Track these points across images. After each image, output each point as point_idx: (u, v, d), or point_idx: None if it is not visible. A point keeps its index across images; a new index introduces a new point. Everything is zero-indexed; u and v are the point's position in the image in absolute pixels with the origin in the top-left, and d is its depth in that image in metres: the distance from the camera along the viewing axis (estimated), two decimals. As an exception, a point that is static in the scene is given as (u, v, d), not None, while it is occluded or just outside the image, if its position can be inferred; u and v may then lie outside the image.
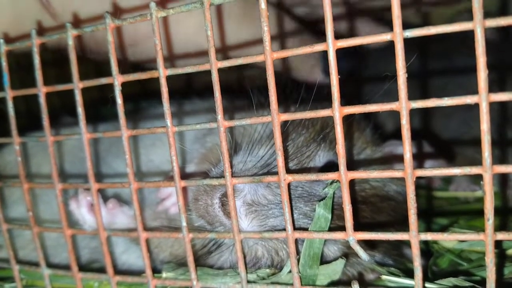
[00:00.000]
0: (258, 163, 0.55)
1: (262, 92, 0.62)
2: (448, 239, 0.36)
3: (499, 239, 0.34)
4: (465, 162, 0.34)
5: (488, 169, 0.33)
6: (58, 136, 0.49)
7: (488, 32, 0.35)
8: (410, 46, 0.40)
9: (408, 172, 0.35)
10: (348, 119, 0.63)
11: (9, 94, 0.49)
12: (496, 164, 0.33)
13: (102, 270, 0.49)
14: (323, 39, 0.35)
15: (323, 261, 0.51)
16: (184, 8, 0.39)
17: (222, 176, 0.41)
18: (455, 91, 0.35)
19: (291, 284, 0.41)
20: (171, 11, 0.40)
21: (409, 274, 0.56)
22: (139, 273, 0.54)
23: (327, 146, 0.60)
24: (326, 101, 0.40)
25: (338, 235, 0.39)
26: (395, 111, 0.34)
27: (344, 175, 0.37)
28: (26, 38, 0.47)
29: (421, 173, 0.35)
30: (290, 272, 0.49)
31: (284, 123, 0.60)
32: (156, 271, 0.54)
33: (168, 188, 0.64)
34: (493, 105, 0.34)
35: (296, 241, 0.41)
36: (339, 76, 0.35)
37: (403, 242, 0.63)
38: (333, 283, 0.50)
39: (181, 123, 0.54)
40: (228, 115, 0.68)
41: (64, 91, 0.46)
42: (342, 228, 0.38)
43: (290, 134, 0.60)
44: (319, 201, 0.50)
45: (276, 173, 0.39)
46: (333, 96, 0.35)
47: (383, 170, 0.36)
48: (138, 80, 0.44)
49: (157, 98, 0.45)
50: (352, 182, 0.58)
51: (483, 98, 0.32)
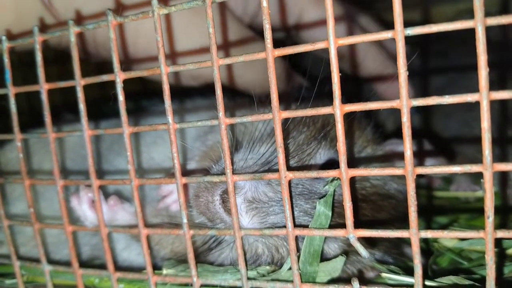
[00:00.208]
0: (259, 161, 0.55)
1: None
2: (448, 237, 0.36)
3: (499, 237, 0.34)
4: (466, 162, 0.34)
5: (489, 167, 0.33)
6: (60, 133, 0.49)
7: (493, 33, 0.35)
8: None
9: (409, 170, 0.35)
10: (349, 117, 0.63)
11: (11, 91, 0.49)
12: (497, 162, 0.33)
13: (103, 267, 0.49)
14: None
15: (323, 259, 0.51)
16: (186, 5, 0.39)
17: (223, 173, 0.41)
18: (455, 92, 0.35)
19: (291, 281, 0.41)
20: (173, 9, 0.40)
21: (409, 272, 0.56)
22: (140, 270, 0.54)
23: (328, 144, 0.60)
24: (327, 99, 0.40)
25: (339, 233, 0.39)
26: (396, 110, 0.34)
27: (345, 173, 0.37)
28: (28, 35, 0.47)
29: (422, 171, 0.35)
30: (290, 269, 0.49)
31: (285, 121, 0.60)
32: (157, 268, 0.54)
33: (169, 186, 0.64)
34: (494, 105, 0.34)
35: (297, 238, 0.41)
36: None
37: (403, 241, 0.63)
38: (333, 281, 0.51)
39: (183, 121, 0.54)
40: (229, 113, 0.68)
41: (66, 88, 0.46)
42: (343, 226, 0.38)
43: (291, 132, 0.60)
44: (320, 199, 0.51)
45: (277, 171, 0.39)
46: (334, 94, 0.35)
47: (384, 168, 0.36)
48: (140, 79, 0.44)
49: (158, 97, 0.45)
50: (353, 180, 0.58)
51: (484, 96, 0.32)
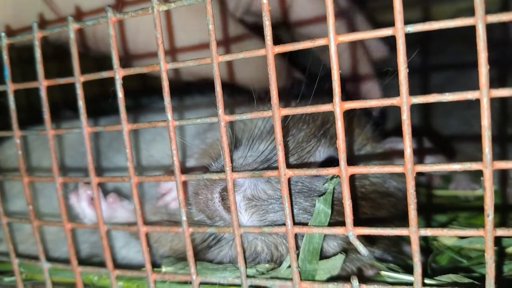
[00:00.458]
0: (259, 158, 0.55)
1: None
2: (448, 235, 0.36)
3: (499, 235, 0.34)
4: (465, 160, 0.34)
5: (489, 165, 0.33)
6: (59, 130, 0.49)
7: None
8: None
9: (409, 167, 0.34)
10: (349, 115, 0.63)
11: (10, 88, 0.48)
12: (496, 160, 0.33)
13: (102, 265, 0.49)
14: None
15: (323, 257, 0.51)
16: (186, 2, 0.39)
17: (223, 171, 0.41)
18: (454, 90, 0.34)
19: (291, 279, 0.41)
20: (173, 5, 0.39)
21: (409, 271, 0.56)
22: (139, 268, 0.54)
23: (328, 142, 0.60)
24: (327, 96, 0.40)
25: (338, 230, 0.39)
26: (396, 108, 0.34)
27: (344, 170, 0.37)
28: (28, 31, 0.47)
29: (422, 169, 0.35)
30: (290, 267, 0.49)
31: (285, 119, 0.60)
32: (156, 266, 0.54)
33: (168, 183, 0.64)
34: (493, 103, 0.34)
35: (296, 236, 0.41)
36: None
37: (403, 239, 0.63)
38: (332, 278, 0.50)
39: (182, 118, 0.54)
40: (229, 110, 0.68)
41: (65, 85, 0.46)
42: (342, 224, 0.38)
43: (291, 130, 0.60)
44: (319, 196, 0.50)
45: (276, 168, 0.39)
46: (334, 91, 0.35)
47: (384, 166, 0.36)
48: (139, 76, 0.44)
49: (158, 94, 0.45)
50: (352, 178, 0.58)
51: (484, 94, 0.31)
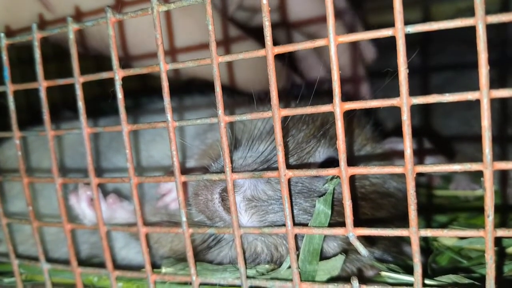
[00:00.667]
0: (258, 159, 0.55)
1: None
2: (448, 236, 0.36)
3: (499, 236, 0.34)
4: (465, 160, 0.33)
5: (489, 166, 0.32)
6: (59, 131, 0.49)
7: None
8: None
9: (409, 168, 0.34)
10: (349, 115, 0.63)
11: (10, 88, 0.48)
12: (497, 161, 0.33)
13: (102, 265, 0.49)
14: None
15: (323, 257, 0.51)
16: (186, 2, 0.39)
17: (222, 171, 0.41)
18: (454, 90, 0.34)
19: (291, 280, 0.41)
20: (172, 6, 0.39)
21: (409, 271, 0.56)
22: (139, 268, 0.54)
23: (327, 142, 0.60)
24: (327, 97, 0.40)
25: (338, 231, 0.39)
26: (396, 109, 0.34)
27: (344, 171, 0.37)
28: (27, 32, 0.47)
29: (422, 169, 0.35)
30: (290, 268, 0.49)
31: (284, 119, 0.60)
32: (156, 267, 0.54)
33: (168, 184, 0.64)
34: (493, 104, 0.34)
35: (296, 237, 0.41)
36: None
37: (403, 240, 0.63)
38: (333, 279, 0.50)
39: (182, 119, 0.54)
40: (229, 111, 0.68)
41: (65, 86, 0.46)
42: (342, 224, 0.38)
43: (290, 130, 0.60)
44: (319, 197, 0.50)
45: (276, 169, 0.39)
46: (334, 92, 0.35)
47: (384, 166, 0.36)
48: (139, 76, 0.44)
49: (157, 94, 0.45)
50: (352, 179, 0.58)
51: (484, 94, 0.31)
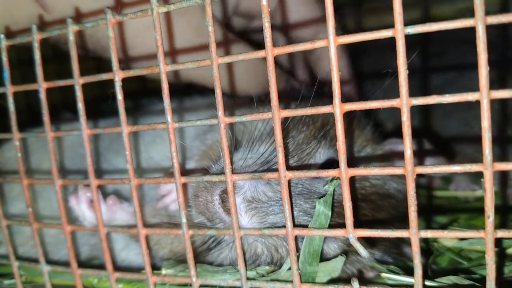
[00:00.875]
0: (258, 160, 0.55)
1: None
2: (448, 237, 0.36)
3: (499, 237, 0.34)
4: (465, 161, 0.33)
5: (489, 166, 0.32)
6: (58, 132, 0.49)
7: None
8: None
9: (409, 169, 0.34)
10: (349, 117, 0.63)
11: (10, 90, 0.48)
12: (497, 162, 0.33)
13: (102, 267, 0.49)
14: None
15: (323, 259, 0.51)
16: (186, 3, 0.38)
17: (222, 173, 0.41)
18: (454, 91, 0.34)
19: (291, 281, 0.41)
20: (172, 7, 0.39)
21: (409, 272, 0.56)
22: (139, 270, 0.54)
23: (328, 144, 0.59)
24: (327, 98, 0.39)
25: (338, 232, 0.39)
26: (396, 110, 0.34)
27: (345, 172, 0.37)
28: (27, 33, 0.46)
29: (422, 170, 0.35)
30: (290, 269, 0.49)
31: (285, 120, 0.60)
32: (156, 268, 0.54)
33: (168, 185, 0.64)
34: (493, 105, 0.34)
35: (296, 238, 0.41)
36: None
37: (403, 241, 0.63)
38: (333, 281, 0.50)
39: (182, 120, 0.54)
40: (229, 112, 0.68)
41: (65, 87, 0.46)
42: (342, 226, 0.38)
43: (291, 131, 0.60)
44: (319, 198, 0.50)
45: (276, 170, 0.39)
46: (334, 93, 0.35)
47: (384, 167, 0.36)
48: (139, 78, 0.44)
49: (157, 96, 0.45)
50: (352, 180, 0.58)
51: (484, 95, 0.31)
